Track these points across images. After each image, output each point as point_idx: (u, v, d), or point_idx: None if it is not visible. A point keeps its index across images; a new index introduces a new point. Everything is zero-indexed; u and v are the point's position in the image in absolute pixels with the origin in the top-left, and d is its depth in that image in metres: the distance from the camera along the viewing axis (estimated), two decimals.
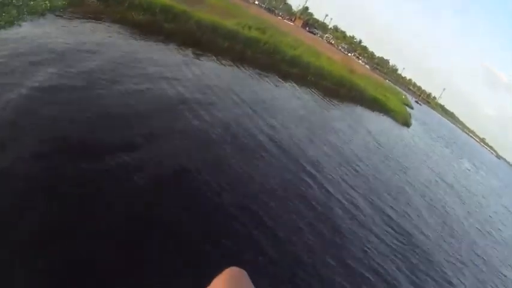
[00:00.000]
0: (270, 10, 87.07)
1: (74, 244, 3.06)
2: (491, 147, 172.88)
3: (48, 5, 9.49)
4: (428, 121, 44.67)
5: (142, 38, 10.88)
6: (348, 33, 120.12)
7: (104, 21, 10.67)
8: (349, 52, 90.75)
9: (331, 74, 18.53)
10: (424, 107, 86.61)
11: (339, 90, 19.23)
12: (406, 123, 24.99)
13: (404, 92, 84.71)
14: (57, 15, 9.34)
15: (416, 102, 73.65)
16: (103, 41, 9.07)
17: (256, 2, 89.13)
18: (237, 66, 13.52)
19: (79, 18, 9.90)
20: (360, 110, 19.91)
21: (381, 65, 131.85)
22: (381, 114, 22.74)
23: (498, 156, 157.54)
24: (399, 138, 19.19)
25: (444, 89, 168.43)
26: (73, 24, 9.21)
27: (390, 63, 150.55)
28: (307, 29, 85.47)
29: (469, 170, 25.57)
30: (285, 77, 16.10)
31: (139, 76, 7.76)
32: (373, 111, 21.95)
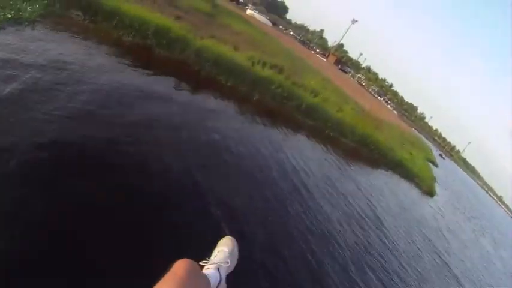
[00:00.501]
0: (304, 43, 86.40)
1: None
2: (507, 206, 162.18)
3: (9, 16, 7.59)
4: (451, 182, 40.16)
5: (122, 62, 8.77)
6: (380, 75, 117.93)
7: (82, 39, 8.69)
8: (379, 95, 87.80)
9: (353, 132, 15.87)
10: (448, 162, 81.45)
11: (360, 149, 16.47)
12: (430, 192, 21.83)
13: (429, 142, 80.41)
14: (18, 30, 7.37)
15: (441, 155, 69.56)
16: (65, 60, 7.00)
17: (292, 33, 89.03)
18: (239, 108, 11.16)
19: (52, 33, 7.97)
20: (380, 175, 17.03)
21: (409, 112, 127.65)
22: (405, 179, 19.70)
23: None
24: (419, 215, 16.05)
25: (469, 143, 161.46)
26: (38, 39, 7.24)
27: (418, 111, 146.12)
28: (339, 66, 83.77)
29: (488, 252, 21.95)
30: (299, 127, 13.62)
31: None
32: (396, 174, 18.99)
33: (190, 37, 12.11)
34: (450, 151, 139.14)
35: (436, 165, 39.87)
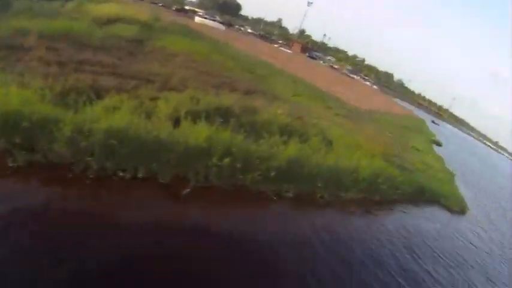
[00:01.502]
0: (264, 37, 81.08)
1: None
2: (505, 150, 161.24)
3: None
4: (460, 162, 35.40)
5: None
6: (350, 52, 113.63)
7: None
8: (355, 74, 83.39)
9: (356, 179, 10.58)
10: (443, 127, 77.09)
11: (371, 198, 11.24)
12: (462, 210, 17.05)
13: (415, 109, 76.74)
14: None
15: (433, 122, 65.29)
16: None
17: (250, 30, 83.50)
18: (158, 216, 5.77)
19: None
20: (399, 215, 12.09)
21: (387, 82, 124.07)
22: (429, 205, 14.77)
23: None
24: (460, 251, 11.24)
25: (454, 99, 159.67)
26: None
27: (395, 77, 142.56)
28: (307, 54, 78.94)
29: None
30: (274, 208, 8.35)
31: None
32: (418, 205, 14.03)
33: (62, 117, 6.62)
34: (438, 110, 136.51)
35: (440, 145, 35.15)
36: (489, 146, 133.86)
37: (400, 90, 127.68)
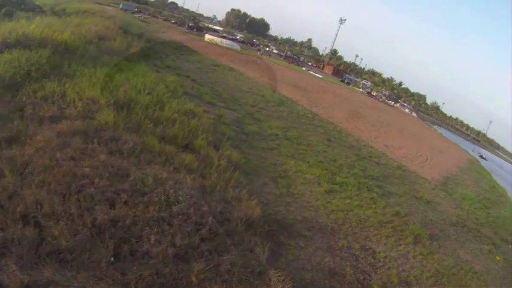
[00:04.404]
0: (291, 59, 72.69)
1: None
2: None
3: None
4: None
5: None
6: (384, 75, 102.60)
7: None
8: (394, 101, 72.52)
9: None
10: (493, 161, 58.94)
11: None
12: None
13: (457, 137, 64.39)
14: None
15: (481, 156, 51.57)
16: None
17: (275, 51, 75.59)
18: None
19: None
20: None
21: (423, 106, 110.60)
22: None
23: None
24: None
25: (491, 122, 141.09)
26: None
27: (427, 100, 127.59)
28: (339, 79, 70.12)
29: None
30: None
31: None
32: None
33: None
34: (476, 137, 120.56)
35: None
36: None
37: (437, 115, 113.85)
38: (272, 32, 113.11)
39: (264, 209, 8.75)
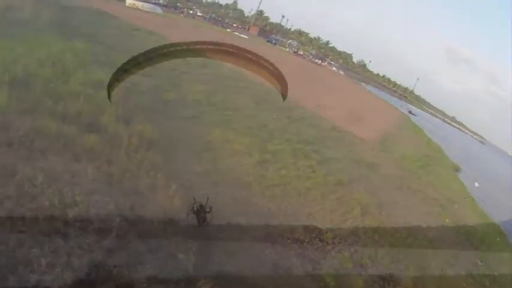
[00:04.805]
0: (216, 21, 70.07)
1: None
2: (461, 124, 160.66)
3: None
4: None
5: None
6: (310, 34, 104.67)
7: None
8: (321, 60, 74.83)
9: None
10: (421, 116, 64.99)
11: None
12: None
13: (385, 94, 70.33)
14: None
15: (410, 112, 57.35)
16: None
17: (199, 14, 71.88)
18: None
19: None
20: None
21: (350, 64, 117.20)
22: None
23: (482, 142, 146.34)
24: None
25: (418, 79, 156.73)
26: None
27: (354, 58, 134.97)
28: (266, 40, 69.61)
29: None
30: None
31: None
32: None
33: None
34: (403, 93, 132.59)
35: (459, 169, 24.88)
36: (448, 122, 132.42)
37: (365, 73, 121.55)
38: None
39: (186, 195, 7.13)
